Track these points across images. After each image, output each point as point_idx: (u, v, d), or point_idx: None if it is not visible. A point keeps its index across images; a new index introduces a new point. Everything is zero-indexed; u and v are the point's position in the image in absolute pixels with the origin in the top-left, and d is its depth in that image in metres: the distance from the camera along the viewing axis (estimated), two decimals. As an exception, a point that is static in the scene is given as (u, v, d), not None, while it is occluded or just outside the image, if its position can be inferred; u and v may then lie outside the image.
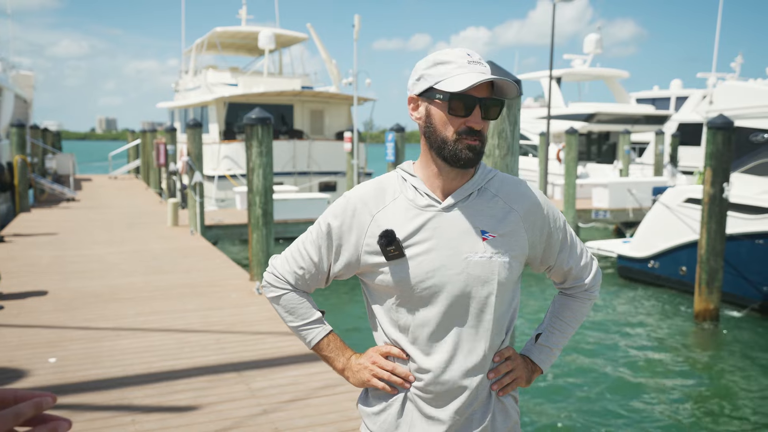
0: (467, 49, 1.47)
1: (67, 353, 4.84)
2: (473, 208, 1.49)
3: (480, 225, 1.48)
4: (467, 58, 1.43)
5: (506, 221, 1.49)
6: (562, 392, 6.72)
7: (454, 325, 1.48)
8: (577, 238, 1.66)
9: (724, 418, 6.17)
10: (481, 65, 1.44)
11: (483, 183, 1.52)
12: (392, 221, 1.48)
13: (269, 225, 7.47)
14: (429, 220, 1.47)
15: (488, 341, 1.49)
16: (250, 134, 7.27)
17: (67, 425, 0.79)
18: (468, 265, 1.46)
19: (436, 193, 1.50)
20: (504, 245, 1.48)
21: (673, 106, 26.02)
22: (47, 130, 28.26)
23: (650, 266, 11.29)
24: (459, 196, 1.49)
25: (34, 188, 17.57)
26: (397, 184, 1.54)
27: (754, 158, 10.32)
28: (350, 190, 1.57)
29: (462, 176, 1.50)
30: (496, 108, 1.45)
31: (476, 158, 1.45)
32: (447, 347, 1.48)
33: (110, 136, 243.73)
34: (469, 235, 1.47)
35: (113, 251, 9.47)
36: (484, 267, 1.46)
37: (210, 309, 6.22)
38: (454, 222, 1.47)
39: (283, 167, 17.40)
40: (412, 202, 1.49)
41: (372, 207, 1.51)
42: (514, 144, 2.82)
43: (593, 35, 24.56)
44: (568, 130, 16.08)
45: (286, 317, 1.64)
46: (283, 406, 3.90)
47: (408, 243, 1.47)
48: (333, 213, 1.55)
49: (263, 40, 20.44)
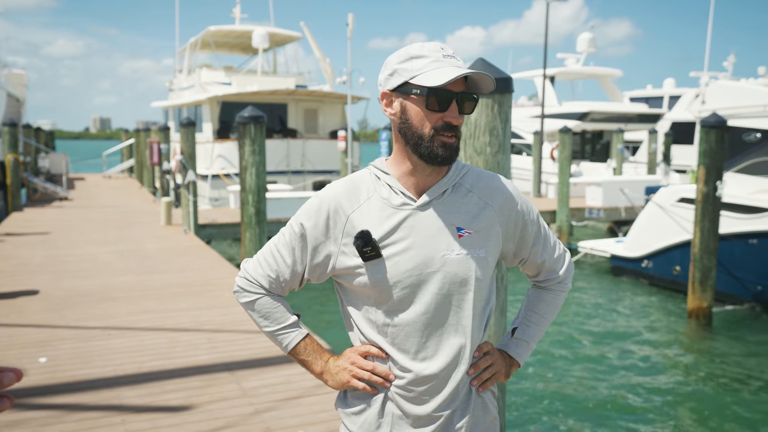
0: (440, 43, 1.44)
1: (58, 353, 4.81)
2: (448, 205, 1.47)
3: (455, 222, 1.46)
4: (442, 52, 1.41)
5: (481, 217, 1.48)
6: (554, 392, 6.73)
7: (433, 324, 1.47)
8: (549, 230, 1.66)
9: (717, 416, 6.18)
10: (455, 59, 1.42)
11: (457, 179, 1.50)
12: (367, 221, 1.46)
13: (262, 224, 7.45)
14: (405, 219, 1.45)
15: (468, 338, 1.49)
16: (242, 133, 7.25)
17: (14, 376, 0.77)
18: (445, 263, 1.44)
19: (411, 190, 1.47)
20: (479, 241, 1.47)
21: (666, 105, 26.11)
22: (40, 130, 28.17)
23: (644, 266, 11.32)
24: (434, 194, 1.47)
25: (26, 187, 17.49)
26: (371, 182, 1.50)
27: (746, 158, 10.36)
28: (322, 189, 1.53)
29: (436, 173, 1.48)
30: (471, 103, 1.43)
31: (453, 155, 1.43)
32: (427, 346, 1.47)
33: (104, 136, 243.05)
34: (446, 233, 1.45)
35: (106, 250, 9.43)
36: (461, 264, 1.45)
37: (202, 308, 6.20)
38: (430, 220, 1.45)
39: (277, 166, 17.38)
40: (387, 201, 1.47)
41: (346, 207, 1.48)
42: (505, 141, 2.81)
43: (586, 34, 24.60)
44: (562, 128, 16.11)
45: (260, 322, 1.58)
46: (275, 405, 3.89)
47: (384, 243, 1.44)
48: (306, 213, 1.51)
49: (257, 39, 20.40)
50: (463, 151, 2.78)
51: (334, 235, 1.48)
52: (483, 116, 2.73)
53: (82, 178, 26.12)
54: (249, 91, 18.29)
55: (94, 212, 14.40)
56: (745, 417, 6.16)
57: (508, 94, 2.76)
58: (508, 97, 2.76)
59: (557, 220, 15.25)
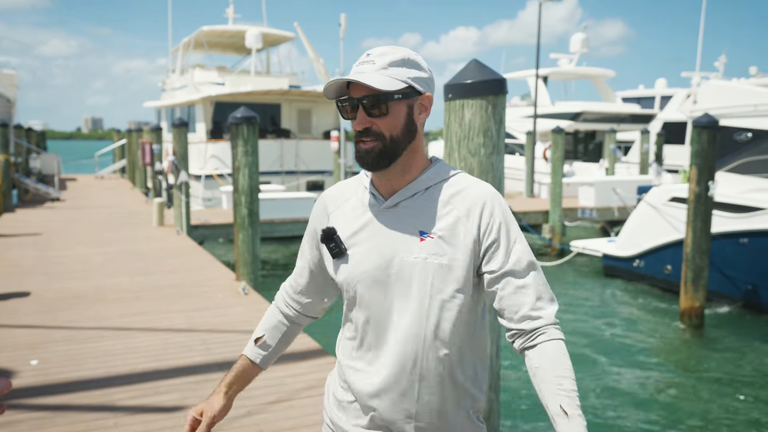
0: (376, 48, 1.43)
1: (50, 355, 4.78)
2: (414, 208, 1.44)
3: (419, 225, 1.42)
4: (362, 60, 1.42)
5: (447, 221, 1.41)
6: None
7: (381, 327, 1.45)
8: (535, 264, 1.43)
9: (711, 415, 6.21)
10: (368, 65, 1.40)
11: (432, 183, 1.46)
12: (341, 220, 1.51)
13: (255, 225, 7.43)
14: (371, 218, 1.47)
15: (419, 347, 1.41)
16: (235, 133, 7.23)
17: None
18: (402, 266, 1.41)
19: (383, 193, 1.48)
20: (442, 247, 1.40)
21: (658, 105, 26.22)
22: (31, 130, 28.00)
23: (635, 265, 11.37)
24: (402, 196, 1.45)
25: (18, 188, 17.39)
26: (355, 184, 1.56)
27: (737, 157, 10.42)
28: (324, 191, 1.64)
29: (401, 176, 1.45)
30: (379, 104, 1.37)
31: (372, 159, 1.40)
32: (377, 351, 1.46)
33: (96, 136, 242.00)
34: (406, 235, 1.42)
35: (98, 251, 9.39)
36: (419, 268, 1.40)
37: (195, 309, 6.18)
38: (393, 221, 1.44)
39: (271, 166, 17.34)
40: (361, 201, 1.50)
41: (330, 207, 1.55)
42: (499, 143, 2.81)
43: (579, 34, 24.67)
44: (555, 128, 16.14)
45: None
46: (268, 407, 3.88)
47: (350, 242, 1.48)
48: (312, 213, 1.62)
49: (250, 39, 20.36)
50: (457, 152, 2.78)
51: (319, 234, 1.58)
52: (477, 118, 2.73)
53: (73, 178, 25.98)
54: (242, 92, 18.24)
55: (86, 213, 14.33)
56: (741, 416, 6.19)
57: (502, 96, 2.76)
58: (502, 98, 2.77)
59: (550, 220, 15.29)
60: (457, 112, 2.76)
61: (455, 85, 2.75)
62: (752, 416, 6.19)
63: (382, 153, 1.40)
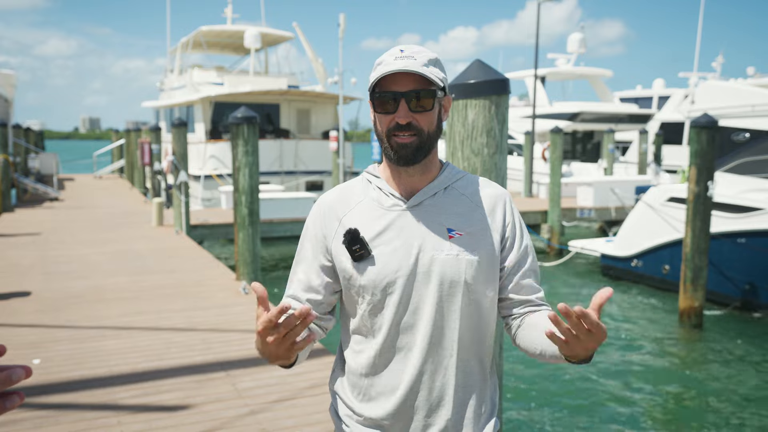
0: (406, 46, 1.44)
1: (51, 354, 4.79)
2: (438, 207, 1.47)
3: (446, 223, 1.46)
4: (398, 54, 1.41)
5: (473, 219, 1.47)
6: (544, 391, 6.76)
7: (420, 328, 1.45)
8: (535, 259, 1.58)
9: (709, 415, 6.24)
10: (410, 59, 1.40)
11: (449, 183, 1.50)
12: (358, 222, 1.47)
13: (255, 224, 7.44)
14: (395, 219, 1.46)
15: (455, 343, 1.45)
16: (235, 133, 7.24)
17: (23, 372, 0.79)
18: (434, 263, 1.43)
19: (400, 192, 1.49)
20: (471, 243, 1.45)
21: (656, 105, 26.29)
22: (30, 130, 27.96)
23: (633, 265, 11.40)
24: (424, 195, 1.47)
25: (16, 188, 17.38)
26: (361, 187, 1.54)
27: (735, 157, 10.45)
28: (321, 196, 1.59)
29: (420, 174, 1.48)
30: (426, 99, 1.40)
31: (410, 154, 1.42)
32: (411, 347, 1.45)
33: (93, 136, 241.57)
34: (435, 233, 1.44)
35: (97, 251, 9.39)
36: (450, 265, 1.43)
37: (196, 309, 6.19)
38: (420, 220, 1.45)
39: (270, 166, 17.35)
40: (377, 203, 1.49)
41: (339, 211, 1.51)
42: (502, 142, 2.83)
43: (577, 34, 24.70)
44: (553, 129, 16.17)
45: None
46: (270, 406, 3.89)
47: (375, 243, 1.45)
48: (311, 219, 1.57)
49: (249, 39, 20.35)
50: (461, 152, 2.80)
51: (330, 239, 1.51)
52: (480, 117, 2.75)
53: (72, 178, 25.96)
54: (241, 92, 18.24)
55: (85, 213, 14.32)
56: (738, 416, 6.21)
57: (504, 96, 2.78)
58: (505, 98, 2.78)
59: (548, 221, 15.31)
60: (461, 112, 2.78)
61: (458, 85, 2.76)
62: (752, 416, 6.21)
63: (419, 148, 1.42)
